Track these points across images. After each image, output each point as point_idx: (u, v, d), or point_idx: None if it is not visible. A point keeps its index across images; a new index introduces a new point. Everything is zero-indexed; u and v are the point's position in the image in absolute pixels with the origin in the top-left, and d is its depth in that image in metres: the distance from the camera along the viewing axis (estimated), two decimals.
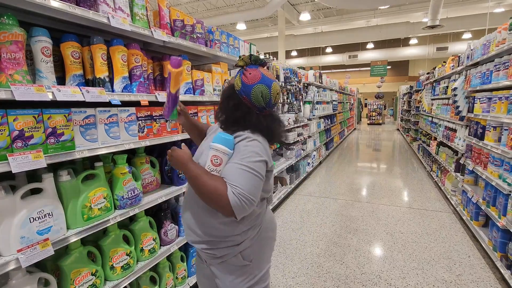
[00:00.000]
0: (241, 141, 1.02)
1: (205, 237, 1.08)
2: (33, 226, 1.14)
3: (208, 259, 1.14)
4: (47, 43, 1.22)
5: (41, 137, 1.13)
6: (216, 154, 0.98)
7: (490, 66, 2.81)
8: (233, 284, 1.11)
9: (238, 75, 1.09)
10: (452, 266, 2.55)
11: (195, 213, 1.10)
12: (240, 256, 1.10)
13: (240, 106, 1.07)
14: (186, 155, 1.02)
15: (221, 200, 0.93)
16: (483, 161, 2.82)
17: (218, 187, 0.94)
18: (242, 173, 0.96)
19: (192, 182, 0.98)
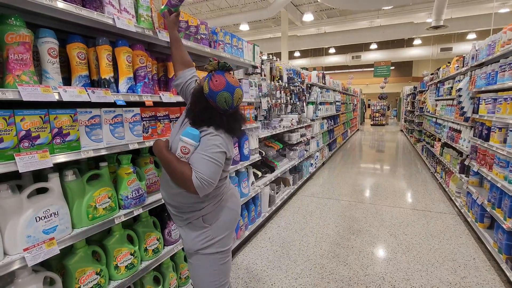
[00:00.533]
0: (206, 135, 1.24)
1: (175, 203, 1.35)
2: (39, 225, 1.15)
3: (177, 221, 1.39)
4: (54, 44, 1.23)
5: (48, 137, 1.15)
6: (184, 145, 1.20)
7: (495, 67, 2.79)
8: (193, 242, 1.35)
9: (207, 79, 1.26)
10: (457, 268, 2.53)
11: (168, 185, 1.33)
12: (201, 219, 1.34)
13: (207, 109, 1.27)
14: (163, 144, 1.27)
15: (186, 182, 1.17)
16: (488, 163, 2.80)
17: (184, 171, 1.18)
18: (204, 162, 1.19)
19: (166, 165, 1.23)
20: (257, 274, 2.47)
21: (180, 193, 1.31)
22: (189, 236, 1.35)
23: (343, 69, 21.00)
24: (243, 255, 2.79)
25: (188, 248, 1.37)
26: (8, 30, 1.04)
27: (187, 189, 1.20)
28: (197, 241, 1.34)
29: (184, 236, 1.37)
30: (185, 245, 1.38)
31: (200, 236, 1.34)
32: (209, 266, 1.37)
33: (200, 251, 1.35)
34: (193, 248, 1.35)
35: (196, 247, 1.35)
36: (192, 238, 1.35)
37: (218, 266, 1.39)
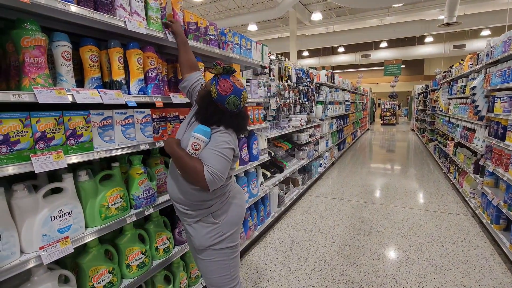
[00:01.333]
0: (216, 133, 1.31)
1: (184, 200, 1.37)
2: (54, 225, 1.18)
3: (186, 218, 1.41)
4: (67, 47, 1.26)
5: (62, 138, 1.17)
6: (195, 141, 1.25)
7: (511, 64, 2.71)
8: (204, 238, 1.38)
9: (214, 84, 1.31)
10: (472, 271, 2.47)
11: (178, 182, 1.37)
12: (211, 216, 1.38)
13: (216, 112, 1.33)
14: (175, 141, 1.32)
15: (198, 176, 1.21)
16: (504, 163, 2.72)
17: (196, 166, 1.21)
18: (215, 157, 1.25)
19: (177, 161, 1.26)
20: (266, 274, 2.47)
21: (190, 190, 1.34)
22: (199, 233, 1.39)
23: (353, 68, 20.77)
24: (253, 255, 2.79)
25: (199, 244, 1.39)
26: (24, 34, 1.07)
27: (198, 184, 1.24)
28: (208, 237, 1.37)
29: (194, 233, 1.40)
30: (196, 241, 1.40)
31: (211, 233, 1.38)
32: (220, 261, 1.41)
33: (211, 247, 1.38)
34: (204, 244, 1.38)
35: (208, 243, 1.38)
36: (203, 234, 1.38)
37: (229, 261, 1.43)
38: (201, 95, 1.37)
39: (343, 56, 16.95)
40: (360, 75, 17.23)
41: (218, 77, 1.32)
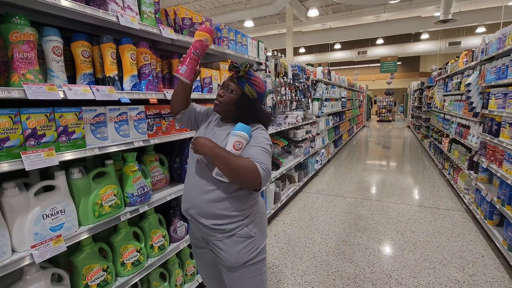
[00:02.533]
0: (255, 130, 1.27)
1: (219, 211, 1.24)
2: (46, 223, 1.16)
3: (216, 234, 1.27)
4: (58, 42, 1.23)
5: (53, 136, 1.15)
6: (239, 140, 1.17)
7: (506, 61, 2.72)
8: (240, 255, 1.27)
9: (248, 85, 1.27)
10: (465, 266, 2.50)
11: (212, 194, 1.24)
12: (246, 229, 1.28)
13: (255, 111, 1.31)
14: (211, 141, 1.18)
15: (254, 173, 1.12)
16: (498, 159, 2.74)
17: (250, 163, 1.13)
18: (263, 153, 1.19)
19: (222, 162, 1.13)
20: None
21: (229, 199, 1.24)
22: (233, 249, 1.26)
23: (349, 65, 20.77)
24: None
25: (234, 262, 1.27)
26: (12, 29, 1.05)
27: (253, 182, 1.13)
28: (243, 253, 1.27)
29: (227, 250, 1.27)
30: (230, 259, 1.27)
31: (246, 247, 1.27)
32: (255, 276, 1.32)
33: (247, 263, 1.28)
34: (240, 261, 1.27)
35: (244, 260, 1.27)
36: (238, 251, 1.26)
37: (262, 274, 1.35)
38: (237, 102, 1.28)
39: (340, 53, 16.95)
40: (357, 72, 17.25)
41: (247, 77, 1.27)
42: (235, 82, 1.28)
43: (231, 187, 1.24)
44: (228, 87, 1.29)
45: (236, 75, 1.28)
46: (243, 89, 1.27)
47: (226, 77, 2.27)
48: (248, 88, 1.27)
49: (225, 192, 1.24)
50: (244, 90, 1.27)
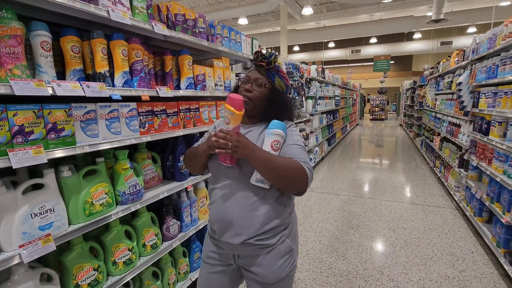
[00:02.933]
0: (289, 127, 1.18)
1: (263, 227, 1.10)
2: (35, 222, 1.14)
3: (256, 251, 1.13)
4: (47, 37, 1.20)
5: (42, 133, 1.13)
6: (277, 139, 1.08)
7: (496, 60, 2.77)
8: (280, 270, 1.14)
9: (278, 77, 1.17)
10: (455, 262, 2.54)
11: (253, 205, 1.10)
12: (288, 241, 1.17)
13: (288, 108, 1.21)
14: (249, 141, 1.04)
15: (301, 173, 1.02)
16: (487, 157, 2.79)
17: (295, 164, 1.03)
18: (303, 152, 1.10)
19: (266, 165, 1.01)
20: None
21: (270, 207, 1.11)
22: (273, 265, 1.13)
23: (343, 64, 20.88)
24: None
25: (272, 278, 1.13)
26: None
27: (298, 185, 1.03)
28: (283, 267, 1.14)
29: (266, 265, 1.13)
30: (269, 275, 1.13)
31: (286, 261, 1.15)
32: None
33: (286, 277, 1.16)
34: (280, 276, 1.14)
35: (283, 275, 1.15)
36: (278, 266, 1.13)
37: (291, 284, 1.24)
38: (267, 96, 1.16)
39: (334, 52, 17.01)
40: (350, 71, 17.34)
41: (275, 69, 1.17)
42: (264, 74, 1.15)
43: (272, 194, 1.11)
44: (256, 80, 1.14)
45: (267, 67, 1.15)
46: (273, 82, 1.16)
47: (219, 74, 2.26)
48: (279, 81, 1.17)
49: (267, 201, 1.11)
50: (275, 84, 1.16)
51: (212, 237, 1.24)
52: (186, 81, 1.92)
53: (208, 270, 1.26)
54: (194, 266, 2.14)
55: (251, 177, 1.08)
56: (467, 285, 2.22)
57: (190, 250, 2.12)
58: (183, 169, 1.97)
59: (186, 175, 2.02)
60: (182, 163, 1.96)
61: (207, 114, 2.15)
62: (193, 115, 2.00)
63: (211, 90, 2.15)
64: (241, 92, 1.14)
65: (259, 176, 1.06)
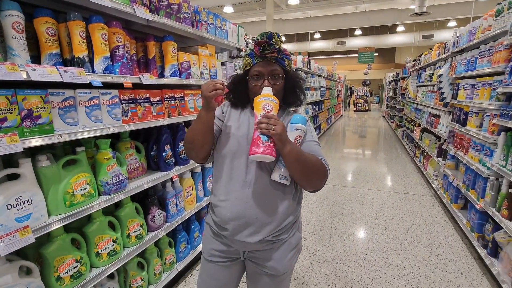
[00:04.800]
0: (308, 122, 1.13)
1: (281, 223, 1.08)
2: (11, 213, 1.08)
3: (269, 246, 1.10)
4: (19, 18, 1.12)
5: (16, 120, 1.06)
6: (300, 134, 1.05)
7: (475, 53, 2.85)
8: (290, 261, 1.15)
9: (286, 59, 1.10)
10: (432, 246, 2.67)
11: (274, 202, 1.07)
12: (298, 233, 1.18)
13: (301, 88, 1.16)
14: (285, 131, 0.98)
15: (324, 171, 1.03)
16: (464, 146, 2.91)
17: (318, 161, 1.02)
18: (320, 149, 1.11)
19: (297, 159, 0.97)
20: None
21: (288, 203, 1.09)
22: (285, 257, 1.12)
23: (328, 55, 20.99)
24: None
25: (282, 270, 1.13)
26: None
27: (319, 182, 1.04)
28: (293, 259, 1.16)
29: (278, 258, 1.12)
30: (277, 267, 1.12)
31: (295, 253, 1.17)
32: (289, 279, 1.24)
33: (292, 267, 1.19)
34: (290, 267, 1.15)
35: (292, 265, 1.17)
36: (289, 258, 1.14)
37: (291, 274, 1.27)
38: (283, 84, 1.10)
39: (319, 43, 17.04)
40: (335, 62, 17.47)
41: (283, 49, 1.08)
42: (275, 63, 1.07)
43: (290, 190, 1.09)
44: (272, 73, 1.06)
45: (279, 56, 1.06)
46: (284, 66, 1.09)
47: (205, 62, 2.21)
48: (288, 62, 1.10)
49: (286, 197, 1.08)
50: (286, 67, 1.09)
51: (218, 235, 1.15)
52: (170, 69, 1.87)
53: (212, 268, 1.20)
54: (180, 256, 2.13)
55: (273, 174, 1.04)
56: (443, 268, 2.35)
57: (176, 240, 2.11)
58: (167, 159, 1.94)
59: (171, 165, 1.98)
60: (167, 153, 1.93)
61: (193, 103, 2.11)
62: (178, 104, 1.96)
63: (196, 79, 2.10)
64: (258, 91, 1.05)
65: (282, 172, 1.02)
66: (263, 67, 1.05)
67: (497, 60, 2.30)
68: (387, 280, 2.20)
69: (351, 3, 12.65)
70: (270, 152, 0.94)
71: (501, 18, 2.33)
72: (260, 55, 1.04)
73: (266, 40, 1.01)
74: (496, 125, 2.25)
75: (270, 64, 1.05)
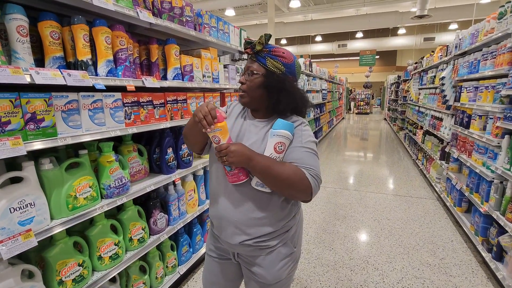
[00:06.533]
0: (299, 126, 1.06)
1: (263, 230, 1.06)
2: (14, 217, 1.08)
3: (255, 252, 1.10)
4: (23, 21, 1.13)
5: (20, 123, 1.06)
6: (281, 140, 0.99)
7: (477, 56, 2.85)
8: (282, 271, 1.12)
9: (270, 58, 1.03)
10: (436, 250, 2.64)
11: (253, 208, 1.05)
12: (289, 242, 1.14)
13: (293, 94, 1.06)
14: (248, 149, 0.97)
15: (303, 183, 0.96)
16: (467, 149, 2.89)
17: (296, 172, 0.96)
18: (310, 156, 1.01)
19: (265, 173, 0.96)
20: None
21: (277, 210, 1.07)
22: (273, 266, 1.10)
23: (329, 58, 21.00)
24: None
25: (272, 279, 1.11)
26: None
27: (301, 194, 0.99)
28: (284, 269, 1.12)
29: (267, 266, 1.10)
30: (268, 276, 1.11)
31: (287, 263, 1.13)
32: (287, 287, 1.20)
33: (285, 278, 1.15)
34: (280, 277, 1.12)
35: (283, 276, 1.13)
36: (278, 268, 1.11)
37: (290, 284, 1.22)
38: (262, 83, 1.04)
39: (320, 45, 17.08)
40: (337, 65, 17.49)
41: (267, 50, 1.03)
42: (254, 61, 1.06)
43: (275, 197, 1.06)
44: (248, 69, 1.06)
45: (254, 53, 1.05)
46: (265, 65, 1.03)
47: (207, 65, 2.22)
48: (271, 62, 1.03)
49: (269, 205, 1.05)
50: (268, 66, 1.03)
51: (213, 231, 1.23)
52: (173, 72, 1.87)
53: (211, 263, 1.26)
54: (182, 259, 2.12)
55: (252, 180, 1.03)
56: (447, 272, 2.32)
57: (178, 244, 2.10)
58: (170, 162, 1.94)
59: (174, 168, 1.98)
60: (169, 156, 1.93)
61: (195, 105, 2.11)
62: (181, 107, 1.96)
63: (198, 81, 2.10)
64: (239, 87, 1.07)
65: (259, 179, 1.01)
66: (246, 65, 1.11)
67: (500, 63, 2.29)
68: (391, 284, 2.18)
69: (352, 6, 12.68)
70: (237, 179, 1.02)
71: (504, 21, 2.33)
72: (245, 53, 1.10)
73: (247, 38, 1.08)
74: (500, 127, 2.23)
75: (250, 61, 1.08)
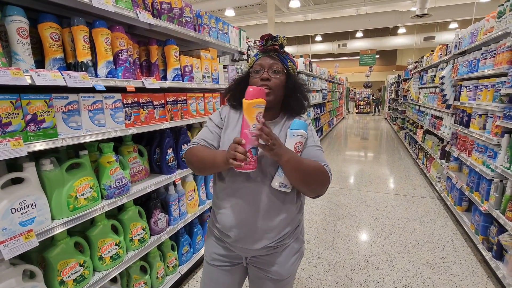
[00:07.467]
0: (309, 126, 1.10)
1: (283, 230, 1.08)
2: (15, 217, 1.09)
3: (270, 251, 1.10)
4: (23, 23, 1.14)
5: (20, 124, 1.07)
6: (300, 140, 1.02)
7: (477, 55, 2.85)
8: (293, 266, 1.14)
9: (290, 61, 1.09)
10: (436, 249, 2.64)
11: (275, 211, 1.05)
12: (300, 237, 1.18)
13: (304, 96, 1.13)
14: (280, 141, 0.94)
15: (326, 177, 1.01)
16: (467, 148, 2.89)
17: (320, 167, 1.00)
18: (322, 154, 1.08)
19: (297, 167, 0.95)
20: None
21: (289, 210, 1.08)
22: (287, 261, 1.12)
23: (329, 57, 20.99)
24: None
25: (285, 274, 1.12)
26: None
27: (320, 188, 1.02)
28: (296, 263, 1.15)
29: (280, 263, 1.11)
30: (281, 272, 1.11)
31: (298, 257, 1.16)
32: (292, 282, 1.22)
33: (295, 272, 1.18)
34: (292, 272, 1.14)
35: (295, 270, 1.16)
36: (292, 262, 1.13)
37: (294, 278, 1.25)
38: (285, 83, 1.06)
39: (320, 45, 17.07)
40: (337, 64, 17.49)
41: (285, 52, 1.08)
42: (278, 59, 1.05)
43: (292, 197, 1.07)
44: (272, 67, 1.03)
45: (279, 51, 1.06)
46: (287, 66, 1.07)
47: (207, 66, 2.22)
48: (292, 65, 1.08)
49: (287, 204, 1.07)
50: (289, 68, 1.07)
51: (220, 240, 1.16)
52: (172, 72, 1.88)
53: (215, 272, 1.20)
54: (183, 259, 2.13)
55: (273, 181, 1.01)
56: (448, 271, 2.32)
57: (179, 244, 2.10)
58: (170, 162, 1.94)
59: (174, 168, 1.99)
60: (169, 156, 1.93)
61: (195, 106, 2.11)
62: (181, 107, 1.96)
63: (198, 82, 2.11)
64: (257, 82, 1.03)
65: (282, 180, 1.00)
66: (263, 60, 1.05)
67: (500, 62, 2.29)
68: (391, 283, 2.18)
69: (352, 5, 12.68)
70: (253, 167, 0.93)
71: (503, 20, 2.33)
72: (263, 50, 1.06)
73: (269, 34, 1.04)
74: (500, 126, 2.23)
75: (272, 58, 1.06)
